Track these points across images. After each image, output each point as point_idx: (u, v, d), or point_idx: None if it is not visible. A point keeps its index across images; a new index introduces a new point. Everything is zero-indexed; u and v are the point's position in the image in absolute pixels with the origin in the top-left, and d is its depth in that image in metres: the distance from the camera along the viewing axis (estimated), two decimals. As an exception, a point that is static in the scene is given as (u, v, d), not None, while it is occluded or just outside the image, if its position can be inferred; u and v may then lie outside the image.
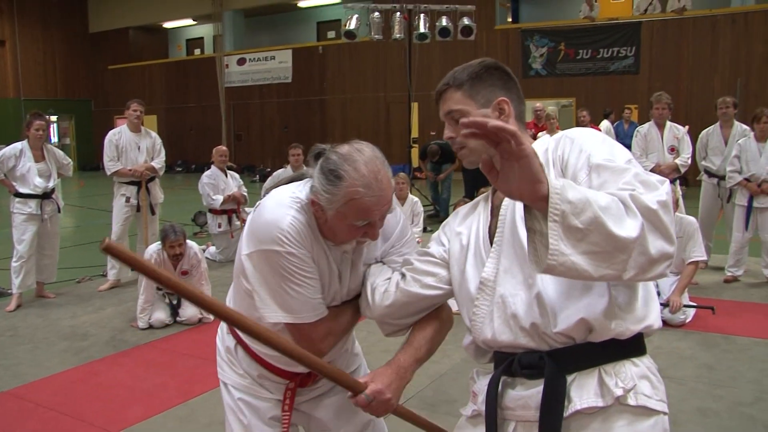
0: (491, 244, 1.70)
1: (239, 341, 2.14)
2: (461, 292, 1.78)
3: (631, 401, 1.53)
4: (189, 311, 5.75)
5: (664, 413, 1.59)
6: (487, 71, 1.76)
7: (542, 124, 10.93)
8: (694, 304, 5.60)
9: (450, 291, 1.86)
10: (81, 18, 27.37)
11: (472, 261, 1.76)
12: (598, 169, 1.50)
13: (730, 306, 5.93)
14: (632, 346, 1.59)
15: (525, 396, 1.61)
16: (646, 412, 1.55)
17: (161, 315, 5.67)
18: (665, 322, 5.38)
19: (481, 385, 1.74)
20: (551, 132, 8.88)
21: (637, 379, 1.56)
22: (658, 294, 5.51)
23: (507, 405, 1.66)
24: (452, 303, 1.92)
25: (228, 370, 2.20)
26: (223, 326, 2.26)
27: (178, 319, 5.75)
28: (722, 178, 7.08)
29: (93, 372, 4.71)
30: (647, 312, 1.60)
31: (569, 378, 1.56)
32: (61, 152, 6.98)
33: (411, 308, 1.91)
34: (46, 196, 6.56)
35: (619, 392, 1.52)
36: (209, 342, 5.23)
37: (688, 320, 5.45)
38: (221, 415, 3.97)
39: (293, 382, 2.10)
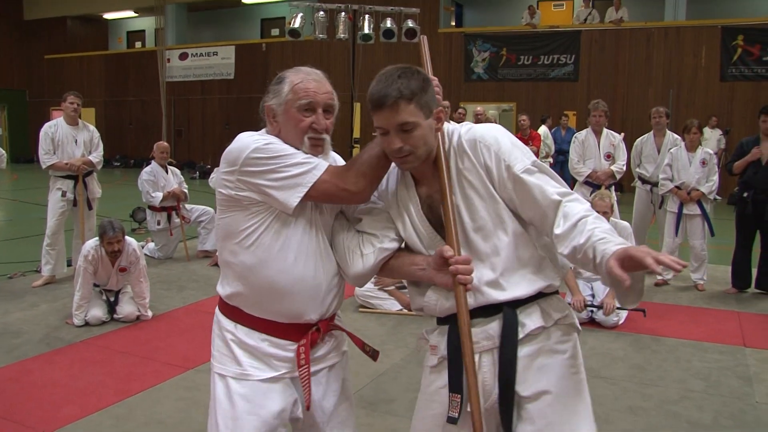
0: (430, 225, 2.05)
1: (238, 320, 2.15)
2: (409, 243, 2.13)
3: (564, 321, 2.06)
4: (126, 308, 5.65)
5: (579, 331, 2.11)
6: (426, 82, 1.95)
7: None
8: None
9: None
10: (15, 4, 26.42)
11: (411, 230, 2.09)
12: (520, 181, 1.94)
13: (660, 309, 6.14)
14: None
15: (486, 328, 2.00)
16: (573, 328, 2.08)
17: (98, 312, 5.55)
18: (599, 324, 5.55)
19: (436, 338, 2.11)
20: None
21: (566, 307, 2.10)
22: (593, 296, 5.68)
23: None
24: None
25: (228, 363, 2.15)
26: (218, 314, 2.23)
27: (115, 316, 5.64)
28: (655, 184, 7.33)
29: (26, 370, 4.58)
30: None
31: (518, 311, 2.00)
32: (-7, 144, 6.78)
33: (383, 259, 2.13)
34: (-23, 188, 6.36)
35: (557, 316, 2.04)
36: (147, 339, 5.22)
37: (620, 322, 5.62)
38: (159, 414, 3.96)
39: (305, 339, 2.12)
